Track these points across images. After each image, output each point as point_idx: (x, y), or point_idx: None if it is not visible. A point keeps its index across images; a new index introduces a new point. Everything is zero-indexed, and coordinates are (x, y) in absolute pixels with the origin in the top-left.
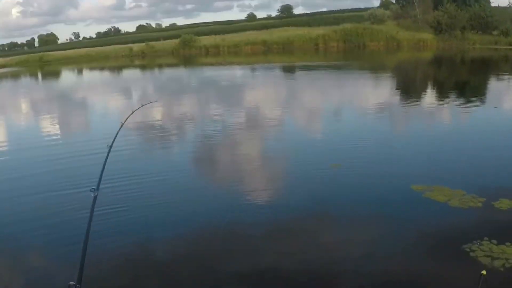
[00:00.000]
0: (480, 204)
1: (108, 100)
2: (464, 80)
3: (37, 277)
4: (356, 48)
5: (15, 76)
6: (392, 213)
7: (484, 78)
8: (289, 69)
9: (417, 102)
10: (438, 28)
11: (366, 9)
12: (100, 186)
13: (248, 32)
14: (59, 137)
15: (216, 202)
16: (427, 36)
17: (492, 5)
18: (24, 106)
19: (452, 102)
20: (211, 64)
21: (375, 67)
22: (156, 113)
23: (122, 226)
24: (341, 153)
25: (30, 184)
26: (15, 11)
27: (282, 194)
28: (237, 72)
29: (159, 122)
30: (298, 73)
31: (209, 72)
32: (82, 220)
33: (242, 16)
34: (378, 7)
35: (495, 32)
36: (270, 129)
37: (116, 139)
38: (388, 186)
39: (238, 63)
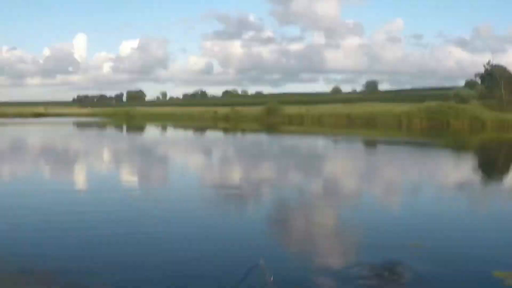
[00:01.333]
0: None
1: (189, 157)
2: None
3: None
4: (440, 126)
5: (102, 126)
6: None
7: None
8: (371, 143)
9: (500, 183)
10: None
11: (451, 88)
12: None
13: (332, 105)
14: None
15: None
16: None
17: None
18: (106, 155)
19: None
20: (294, 133)
21: (458, 146)
22: (235, 175)
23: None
24: (419, 232)
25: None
26: (107, 66)
27: (358, 274)
28: (319, 143)
29: (236, 183)
30: (380, 147)
31: (292, 141)
32: None
33: (327, 88)
34: (463, 87)
35: None
36: (346, 201)
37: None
38: (468, 270)
39: (321, 133)
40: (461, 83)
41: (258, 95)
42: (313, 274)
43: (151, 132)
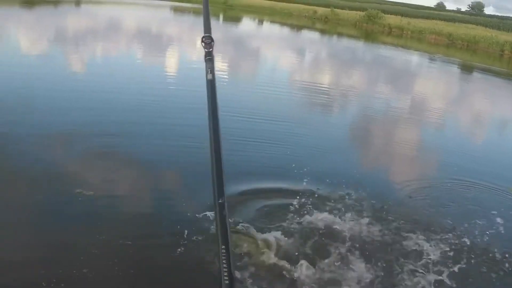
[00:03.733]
0: None
1: (281, 54)
2: None
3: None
4: None
5: (197, 13)
6: None
7: None
8: (468, 68)
9: None
10: None
11: None
12: None
13: (434, 21)
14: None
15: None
16: None
17: None
18: (198, 43)
19: None
20: (392, 44)
21: None
22: (322, 77)
23: None
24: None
25: None
26: None
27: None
28: (416, 59)
29: (323, 87)
30: (477, 75)
31: (388, 52)
32: None
33: (430, 3)
34: None
35: None
36: (432, 126)
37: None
38: None
39: (419, 50)
40: None
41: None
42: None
43: (247, 24)
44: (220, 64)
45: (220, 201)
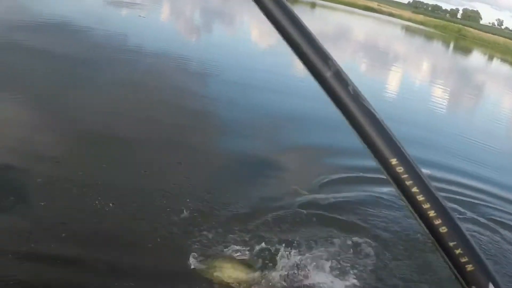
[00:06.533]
0: None
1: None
2: None
3: None
4: None
5: (428, 36)
6: None
7: None
8: None
9: None
10: None
11: None
12: None
13: None
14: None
15: None
16: None
17: None
18: (425, 67)
19: None
20: None
21: None
22: None
23: None
24: None
25: None
26: None
27: None
28: None
29: None
30: None
31: None
32: None
33: None
34: None
35: None
36: None
37: None
38: None
39: None
40: None
41: None
42: None
43: (476, 58)
44: (441, 93)
45: None
